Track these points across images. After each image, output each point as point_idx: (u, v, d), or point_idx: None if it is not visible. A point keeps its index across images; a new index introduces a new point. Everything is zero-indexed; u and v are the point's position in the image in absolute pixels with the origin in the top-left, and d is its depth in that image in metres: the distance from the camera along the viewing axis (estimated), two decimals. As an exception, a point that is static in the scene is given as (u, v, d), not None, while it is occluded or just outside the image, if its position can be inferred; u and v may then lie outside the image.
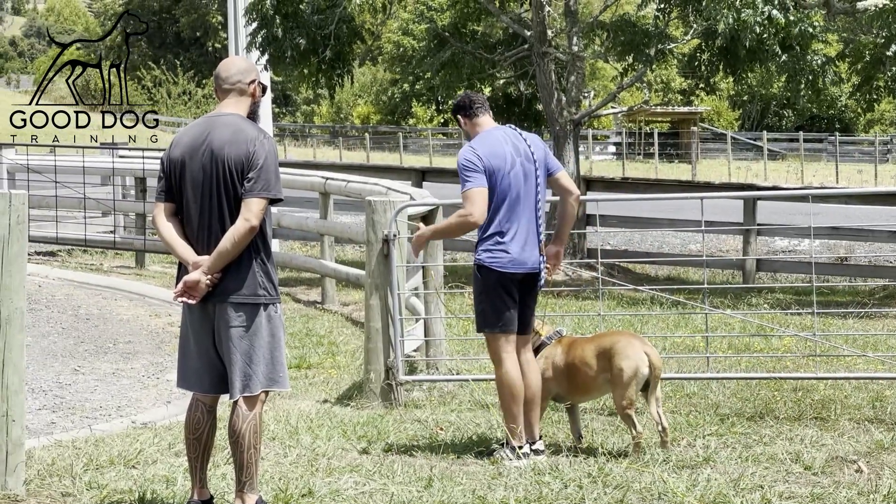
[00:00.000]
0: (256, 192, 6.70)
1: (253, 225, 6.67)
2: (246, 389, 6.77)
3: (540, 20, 21.10)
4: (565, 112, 21.26)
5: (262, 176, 6.71)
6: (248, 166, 6.71)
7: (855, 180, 45.48)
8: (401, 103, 75.83)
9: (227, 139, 6.76)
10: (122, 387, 11.79)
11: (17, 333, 6.97)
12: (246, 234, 6.67)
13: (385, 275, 10.44)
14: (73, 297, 16.97)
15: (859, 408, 10.14)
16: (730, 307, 16.25)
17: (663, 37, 20.30)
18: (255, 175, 6.70)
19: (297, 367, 12.43)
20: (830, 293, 18.87)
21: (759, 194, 19.69)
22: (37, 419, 10.28)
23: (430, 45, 23.72)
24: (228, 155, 6.73)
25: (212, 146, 6.77)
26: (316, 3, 21.23)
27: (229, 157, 6.72)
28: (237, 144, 6.74)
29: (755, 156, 58.26)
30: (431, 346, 11.94)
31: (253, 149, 6.72)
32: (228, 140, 6.76)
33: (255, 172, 6.70)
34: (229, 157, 6.72)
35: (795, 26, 18.62)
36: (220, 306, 6.77)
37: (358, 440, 9.02)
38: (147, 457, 8.36)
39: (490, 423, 9.47)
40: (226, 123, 6.85)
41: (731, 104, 76.65)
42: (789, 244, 25.50)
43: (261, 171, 6.71)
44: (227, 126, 6.82)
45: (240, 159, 6.72)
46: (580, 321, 14.82)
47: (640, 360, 8.52)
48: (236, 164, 6.72)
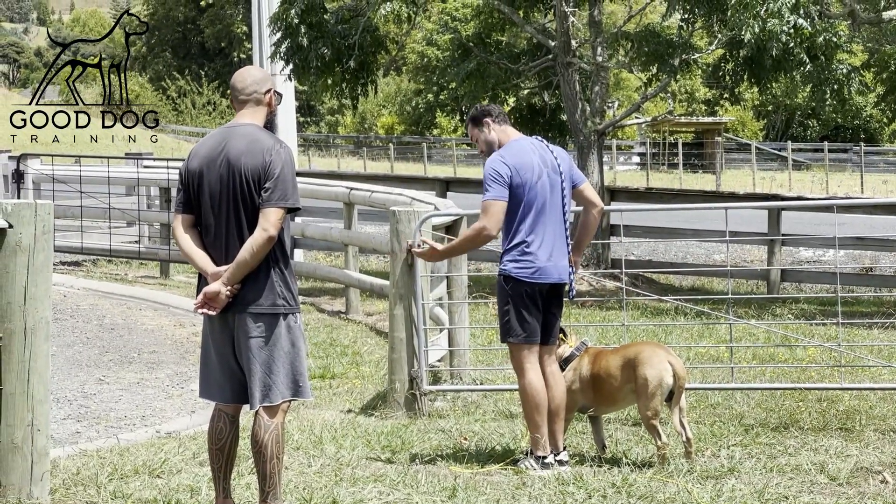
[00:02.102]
0: (274, 201, 6.70)
1: (271, 235, 6.67)
2: (266, 399, 6.78)
3: (564, 30, 21.10)
4: (589, 122, 21.25)
5: (279, 185, 6.72)
6: (264, 176, 6.72)
7: (880, 190, 45.34)
8: (425, 113, 75.87)
9: (244, 149, 6.77)
10: (147, 396, 11.82)
11: (42, 343, 7.00)
12: (264, 245, 6.68)
13: (409, 285, 10.45)
14: (97, 307, 17.02)
15: (884, 418, 10.11)
16: (754, 317, 16.22)
17: (688, 47, 20.28)
18: (272, 185, 6.71)
19: (322, 377, 12.44)
20: (855, 303, 18.81)
21: (784, 204, 19.63)
22: (62, 428, 10.30)
23: (454, 55, 23.70)
24: (245, 165, 6.74)
25: (228, 157, 6.78)
26: (340, 14, 21.27)
27: (246, 168, 6.73)
28: (253, 154, 6.75)
29: (780, 166, 58.11)
30: (455, 355, 11.94)
31: (269, 158, 6.73)
32: (245, 150, 6.77)
33: (272, 182, 6.71)
34: (246, 168, 6.73)
35: (821, 36, 18.59)
36: (239, 317, 6.78)
37: (382, 450, 9.03)
38: (171, 466, 8.37)
39: (514, 434, 9.47)
40: (242, 134, 6.86)
41: (755, 114, 76.48)
42: (814, 254, 25.43)
43: (277, 181, 6.71)
44: (244, 136, 6.84)
45: (256, 169, 6.73)
46: (604, 332, 14.80)
47: (664, 370, 8.50)
48: (253, 174, 6.73)
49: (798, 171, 56.66)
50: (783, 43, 17.84)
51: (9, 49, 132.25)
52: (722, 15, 18.60)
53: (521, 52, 23.21)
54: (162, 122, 76.88)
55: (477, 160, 61.39)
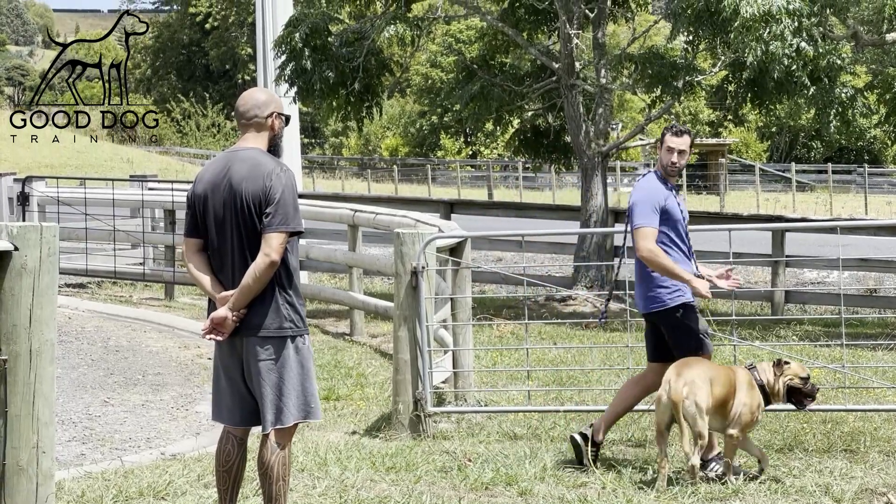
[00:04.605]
0: (275, 226, 6.72)
1: (273, 259, 6.69)
2: (278, 422, 6.80)
3: (568, 52, 21.14)
4: (593, 144, 21.28)
5: (280, 210, 6.73)
6: (265, 201, 6.73)
7: (884, 212, 45.34)
8: (429, 135, 76.02)
9: (245, 174, 6.79)
10: (152, 418, 11.82)
11: (47, 365, 7.01)
12: (267, 269, 6.70)
13: (413, 307, 10.47)
14: (102, 329, 17.03)
15: (889, 440, 10.11)
16: (758, 338, 16.21)
17: (691, 69, 20.30)
18: (273, 209, 6.72)
19: (326, 399, 12.44)
20: (860, 325, 18.80)
21: (788, 226, 19.62)
22: (66, 451, 10.31)
23: (458, 77, 23.71)
24: (247, 190, 6.76)
25: (231, 181, 6.81)
26: (344, 36, 21.31)
27: (247, 193, 6.76)
28: (254, 179, 6.77)
29: (784, 187, 58.15)
30: (460, 377, 11.94)
31: (270, 183, 6.75)
32: (246, 175, 6.79)
33: (273, 207, 6.72)
34: (247, 193, 6.76)
35: (824, 58, 18.61)
36: (247, 340, 6.81)
37: (386, 471, 9.03)
38: (176, 488, 8.38)
39: (518, 454, 9.47)
40: (244, 158, 6.88)
41: (759, 136, 76.58)
42: (818, 276, 25.42)
43: (278, 206, 6.73)
44: (246, 161, 6.86)
45: (257, 194, 6.75)
46: (608, 353, 14.80)
47: (663, 388, 8.54)
48: (254, 199, 6.75)
49: (802, 193, 56.69)
50: (785, 66, 17.86)
51: (14, 72, 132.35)
52: (725, 37, 18.63)
53: (525, 74, 23.23)
54: (167, 144, 77.06)
55: (480, 182, 61.47)
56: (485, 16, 23.16)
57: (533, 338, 16.55)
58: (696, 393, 8.44)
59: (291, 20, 21.49)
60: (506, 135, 31.09)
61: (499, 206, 27.20)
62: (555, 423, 10.74)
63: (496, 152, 71.44)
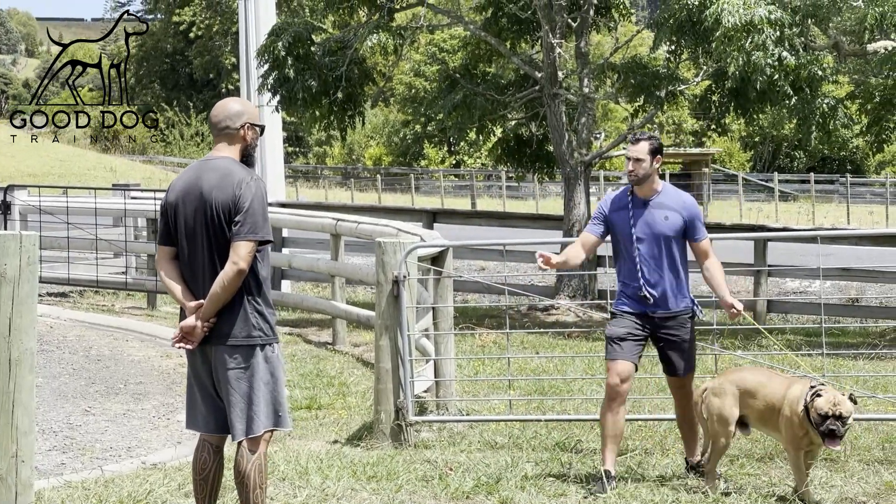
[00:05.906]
0: (244, 234, 6.74)
1: (241, 268, 6.71)
2: (249, 431, 6.81)
3: (551, 62, 21.17)
4: (576, 153, 21.31)
5: (249, 219, 6.75)
6: (234, 209, 6.76)
7: (866, 221, 45.49)
8: (412, 145, 75.97)
9: (215, 183, 6.82)
10: (133, 427, 11.80)
11: (27, 374, 7.00)
12: (234, 278, 6.72)
13: (395, 316, 10.47)
14: (84, 338, 17.00)
15: (869, 449, 10.13)
16: (740, 348, 16.23)
17: (674, 78, 20.35)
18: (242, 218, 6.75)
19: (308, 408, 12.44)
20: (841, 334, 18.85)
21: (770, 235, 19.62)
22: (47, 460, 10.29)
23: (441, 86, 23.72)
24: (216, 199, 6.78)
25: (202, 190, 6.83)
26: (327, 45, 21.32)
27: (217, 201, 6.78)
28: (224, 188, 6.79)
29: (767, 197, 58.27)
30: (441, 386, 11.94)
31: (240, 192, 6.77)
32: (216, 184, 6.82)
33: (242, 216, 6.75)
34: (217, 201, 6.78)
35: (805, 69, 18.66)
36: (216, 349, 6.84)
37: (368, 480, 9.03)
38: (157, 497, 8.37)
39: (499, 463, 9.47)
40: (215, 167, 6.91)
41: (742, 145, 76.72)
42: (800, 285, 25.48)
43: (247, 215, 6.75)
44: (216, 170, 6.89)
45: (226, 203, 6.77)
46: (590, 362, 14.82)
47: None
48: (223, 207, 6.77)
49: (785, 202, 56.80)
50: (767, 75, 17.90)
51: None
52: (707, 47, 18.68)
53: (508, 84, 23.26)
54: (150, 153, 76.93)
55: (464, 192, 61.46)
56: (468, 25, 23.19)
57: (515, 347, 16.55)
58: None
59: (274, 29, 21.52)
60: (489, 144, 31.08)
61: (481, 216, 27.19)
62: (536, 433, 10.75)
63: (479, 162, 71.48)
